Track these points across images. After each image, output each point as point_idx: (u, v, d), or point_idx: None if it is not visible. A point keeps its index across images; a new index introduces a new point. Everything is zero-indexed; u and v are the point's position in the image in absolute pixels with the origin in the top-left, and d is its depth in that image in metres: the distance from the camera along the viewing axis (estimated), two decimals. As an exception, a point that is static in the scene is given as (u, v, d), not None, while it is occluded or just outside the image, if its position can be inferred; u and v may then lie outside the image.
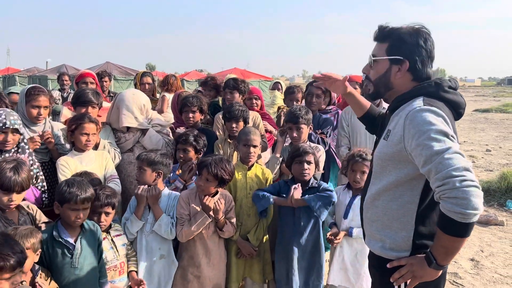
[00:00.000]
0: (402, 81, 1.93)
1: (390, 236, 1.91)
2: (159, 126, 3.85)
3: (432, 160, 1.66)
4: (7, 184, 2.36)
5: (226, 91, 4.20)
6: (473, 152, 11.39)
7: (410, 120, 1.77)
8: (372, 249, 2.03)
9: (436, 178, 1.64)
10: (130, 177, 3.59)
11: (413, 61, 1.88)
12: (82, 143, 3.13)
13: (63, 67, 21.19)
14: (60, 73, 8.91)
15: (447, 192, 1.61)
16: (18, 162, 2.46)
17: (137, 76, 5.77)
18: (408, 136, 1.77)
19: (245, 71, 24.97)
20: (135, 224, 2.94)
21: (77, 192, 2.46)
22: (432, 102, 1.81)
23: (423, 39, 1.89)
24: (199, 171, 2.97)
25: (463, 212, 1.59)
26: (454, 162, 1.62)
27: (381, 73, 1.96)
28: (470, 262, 4.80)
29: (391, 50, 1.91)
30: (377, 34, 1.97)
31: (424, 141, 1.69)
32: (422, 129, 1.71)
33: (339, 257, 3.30)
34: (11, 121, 2.78)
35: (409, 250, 1.88)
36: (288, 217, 3.13)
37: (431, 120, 1.72)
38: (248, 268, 3.25)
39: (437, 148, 1.66)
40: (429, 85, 1.88)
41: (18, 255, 1.92)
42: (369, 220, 2.04)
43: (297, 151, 3.15)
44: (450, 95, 1.88)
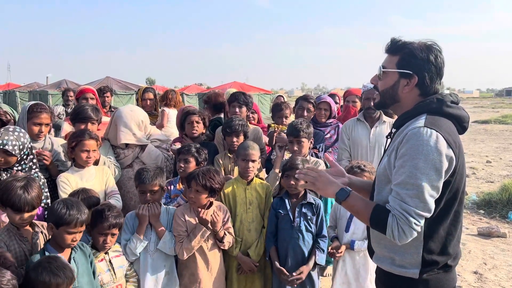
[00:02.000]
0: (409, 95, 1.94)
1: (399, 253, 1.90)
2: (158, 141, 3.85)
3: (407, 188, 1.75)
4: (17, 204, 2.31)
5: (234, 104, 4.12)
6: (473, 163, 11.37)
7: (407, 139, 1.79)
8: (381, 265, 2.02)
9: (400, 204, 1.76)
10: (130, 193, 3.58)
11: (422, 77, 1.89)
12: (82, 159, 3.13)
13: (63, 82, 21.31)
14: (65, 89, 9.05)
15: (401, 220, 1.75)
16: (28, 180, 2.41)
17: (139, 91, 5.81)
18: (399, 152, 1.82)
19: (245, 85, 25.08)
20: (139, 245, 2.87)
21: (76, 215, 2.36)
22: (434, 121, 1.82)
23: (434, 55, 1.90)
24: (188, 183, 2.96)
25: (396, 239, 1.77)
26: (421, 205, 1.74)
27: (390, 85, 1.97)
28: (474, 275, 4.76)
29: (401, 63, 1.92)
30: (389, 46, 1.98)
31: (410, 167, 1.75)
32: (413, 155, 1.75)
33: (341, 271, 3.28)
34: (3, 141, 2.72)
35: (419, 266, 1.87)
36: (286, 232, 3.10)
37: (425, 148, 1.74)
38: (249, 284, 3.22)
39: (417, 181, 1.73)
40: (431, 101, 1.89)
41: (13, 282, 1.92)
42: (376, 238, 2.02)
43: (286, 165, 3.14)
44: (453, 109, 1.90)
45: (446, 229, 1.86)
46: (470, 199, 7.58)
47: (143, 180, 2.93)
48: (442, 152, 1.74)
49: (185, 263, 3.01)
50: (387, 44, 1.99)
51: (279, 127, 4.00)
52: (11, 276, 1.91)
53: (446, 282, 1.89)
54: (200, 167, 3.11)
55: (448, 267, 1.89)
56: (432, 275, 1.86)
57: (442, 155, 1.74)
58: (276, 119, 4.32)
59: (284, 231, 3.10)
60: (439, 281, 1.88)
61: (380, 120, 4.13)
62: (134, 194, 3.55)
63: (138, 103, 5.73)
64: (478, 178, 9.59)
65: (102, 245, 2.70)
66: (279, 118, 4.29)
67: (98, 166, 3.31)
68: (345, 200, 1.91)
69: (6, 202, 2.33)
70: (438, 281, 1.88)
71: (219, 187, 2.96)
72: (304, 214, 3.09)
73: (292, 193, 3.12)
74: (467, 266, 4.97)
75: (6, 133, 2.76)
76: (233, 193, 3.24)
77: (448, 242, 1.87)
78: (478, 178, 9.64)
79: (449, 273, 1.91)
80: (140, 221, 2.92)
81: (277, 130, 3.91)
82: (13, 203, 2.31)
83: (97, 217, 2.67)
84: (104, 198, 3.17)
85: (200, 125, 3.76)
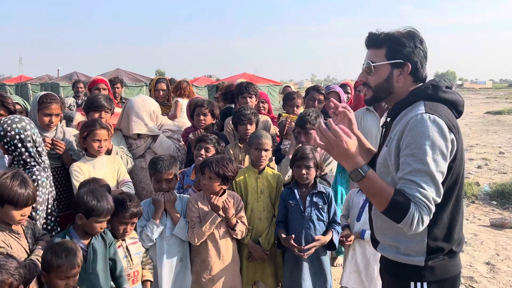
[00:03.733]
0: (404, 84, 1.94)
1: (404, 242, 1.90)
2: (169, 131, 3.87)
3: (420, 175, 1.73)
4: (22, 200, 2.27)
5: (244, 95, 4.14)
6: (486, 154, 11.25)
7: (410, 127, 1.79)
8: (386, 255, 2.02)
9: (419, 191, 1.72)
10: (142, 183, 3.61)
11: (414, 63, 1.90)
12: (94, 149, 3.15)
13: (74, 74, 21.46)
14: (75, 80, 9.09)
15: (423, 207, 1.72)
16: (21, 175, 2.35)
17: (152, 82, 5.83)
18: (404, 141, 1.80)
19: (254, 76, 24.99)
20: (156, 230, 2.92)
21: (107, 206, 2.48)
22: (433, 107, 1.83)
23: (419, 40, 1.91)
24: (202, 170, 2.99)
25: (412, 227, 1.73)
26: (435, 191, 1.73)
27: (383, 78, 1.95)
28: (486, 266, 4.72)
29: (390, 54, 1.91)
30: (370, 41, 1.97)
31: (419, 154, 1.74)
32: (420, 141, 1.75)
33: (351, 259, 3.31)
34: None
35: (424, 254, 1.88)
36: (298, 222, 3.10)
37: (430, 134, 1.74)
38: (260, 271, 3.24)
39: (428, 168, 1.72)
40: (426, 88, 1.90)
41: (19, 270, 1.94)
42: (380, 229, 2.03)
43: (296, 155, 3.13)
44: (448, 95, 1.90)
45: (449, 214, 1.87)
46: (483, 190, 7.51)
47: (159, 169, 2.96)
48: (447, 137, 1.76)
49: (197, 250, 3.05)
50: (366, 39, 1.98)
51: (290, 117, 3.99)
52: (18, 264, 1.95)
53: (451, 268, 1.91)
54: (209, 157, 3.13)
55: (453, 253, 1.91)
56: (437, 261, 1.87)
57: (447, 139, 1.76)
58: (287, 108, 4.30)
59: (295, 221, 3.11)
60: (444, 268, 1.89)
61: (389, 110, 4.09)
62: (146, 184, 3.58)
63: (151, 94, 5.75)
64: (490, 169, 9.48)
65: (122, 233, 2.75)
66: (290, 107, 4.27)
67: (110, 156, 3.34)
68: (360, 181, 1.81)
69: (7, 200, 2.25)
70: (444, 268, 1.89)
71: (232, 175, 2.98)
72: (315, 203, 3.08)
73: (303, 183, 3.12)
74: (479, 257, 4.94)
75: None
76: (244, 182, 3.25)
77: (451, 227, 1.88)
78: (490, 169, 9.53)
79: (454, 259, 1.92)
80: (156, 207, 2.96)
81: (289, 120, 3.90)
82: (18, 200, 2.25)
83: (118, 207, 2.70)
84: (116, 186, 3.21)
85: (207, 117, 3.76)
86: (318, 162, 3.11)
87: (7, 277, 1.85)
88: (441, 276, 1.88)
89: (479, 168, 9.59)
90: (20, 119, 2.77)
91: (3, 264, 1.88)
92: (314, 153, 3.12)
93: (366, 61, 1.98)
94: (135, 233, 2.93)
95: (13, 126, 2.69)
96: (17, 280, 1.89)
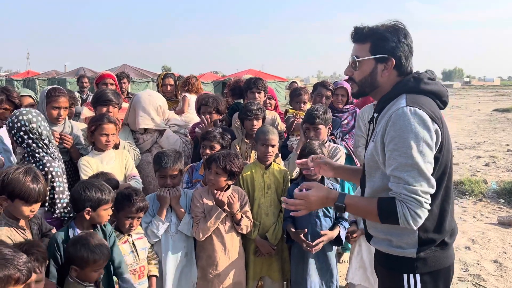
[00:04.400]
0: (388, 78, 1.94)
1: (396, 235, 1.92)
2: (176, 126, 3.87)
3: (406, 170, 1.74)
4: (33, 196, 2.27)
5: (253, 90, 4.12)
6: (493, 152, 11.15)
7: (393, 122, 1.79)
8: (379, 247, 2.04)
9: (405, 187, 1.74)
10: (149, 177, 3.62)
11: (398, 58, 1.90)
12: (102, 143, 3.16)
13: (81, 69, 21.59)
14: (79, 75, 9.10)
15: (411, 203, 1.73)
16: (33, 171, 2.36)
17: (160, 77, 5.84)
18: (387, 137, 1.81)
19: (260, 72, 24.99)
20: (162, 226, 2.93)
21: (112, 195, 2.55)
22: (414, 99, 1.83)
23: (403, 34, 1.91)
24: (208, 166, 2.99)
25: (411, 224, 1.75)
26: (425, 182, 1.74)
27: (367, 72, 1.96)
28: (493, 264, 4.69)
29: (374, 49, 1.92)
30: (355, 35, 1.98)
31: (403, 148, 1.74)
32: (403, 135, 1.75)
33: (357, 255, 3.30)
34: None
35: (416, 245, 1.89)
36: (304, 218, 3.08)
37: (413, 127, 1.75)
38: (266, 267, 3.25)
39: (413, 160, 1.73)
40: (408, 80, 1.91)
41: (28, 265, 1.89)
42: (371, 223, 2.03)
43: (304, 150, 3.11)
44: (430, 86, 1.91)
45: (439, 206, 1.87)
46: (490, 188, 7.45)
47: (164, 165, 2.95)
48: (430, 128, 1.76)
49: (203, 245, 3.05)
50: (351, 33, 1.99)
51: (298, 113, 3.97)
52: (26, 259, 1.91)
53: (444, 259, 1.92)
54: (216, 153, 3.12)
55: (445, 244, 1.91)
56: (429, 253, 1.88)
57: (430, 130, 1.76)
58: (294, 104, 4.28)
59: (302, 217, 3.07)
60: (436, 259, 1.90)
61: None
62: (153, 178, 3.58)
63: (158, 89, 5.76)
64: (498, 167, 9.40)
65: (128, 228, 2.76)
66: (297, 103, 4.25)
67: (118, 150, 3.35)
68: (345, 211, 1.92)
69: (18, 195, 2.25)
70: (436, 259, 1.90)
71: (238, 171, 2.99)
72: (322, 199, 3.07)
73: (311, 178, 3.11)
74: (486, 255, 4.91)
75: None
76: (251, 177, 3.25)
77: (442, 218, 1.89)
78: (498, 167, 9.45)
79: (446, 250, 1.93)
80: (161, 204, 2.96)
81: (297, 116, 3.88)
82: (29, 195, 2.25)
83: (124, 201, 2.72)
84: (124, 180, 3.23)
85: (213, 115, 3.75)
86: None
87: (14, 272, 1.81)
88: (433, 268, 1.89)
89: (487, 166, 9.52)
90: (28, 111, 2.79)
91: (10, 258, 1.84)
92: (322, 148, 3.10)
93: (351, 55, 1.99)
94: (141, 228, 2.93)
95: (19, 118, 2.73)
96: (24, 276, 1.85)
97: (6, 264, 1.80)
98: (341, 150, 3.58)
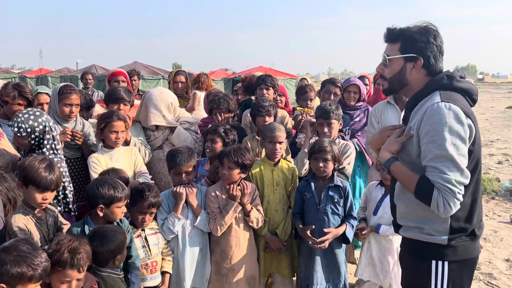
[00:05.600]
0: (417, 77, 2.06)
1: (428, 223, 2.00)
2: (187, 123, 3.89)
3: (441, 161, 1.84)
4: (44, 182, 2.33)
5: (262, 87, 4.12)
6: (506, 150, 11.00)
7: (428, 116, 1.90)
8: (409, 235, 2.09)
9: (440, 176, 1.84)
10: (160, 174, 3.65)
11: (426, 57, 2.02)
12: (111, 140, 3.19)
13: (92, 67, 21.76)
14: (83, 72, 9.06)
15: (446, 193, 1.83)
16: (50, 160, 2.46)
17: (171, 74, 5.87)
18: (423, 130, 1.91)
19: (270, 69, 24.92)
20: (178, 223, 2.95)
21: (126, 192, 2.58)
22: (448, 96, 1.93)
23: (433, 36, 2.02)
24: (220, 161, 3.02)
25: (441, 211, 1.86)
26: (459, 173, 1.84)
27: (396, 70, 2.08)
28: (506, 263, 4.65)
29: (404, 48, 2.05)
30: (387, 35, 2.11)
31: (438, 140, 1.85)
32: (438, 128, 1.86)
33: (367, 252, 3.32)
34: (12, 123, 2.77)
35: (447, 233, 1.97)
36: (313, 214, 3.09)
37: (447, 120, 1.85)
38: (276, 263, 3.26)
39: (447, 152, 1.83)
40: (442, 78, 2.01)
41: (44, 264, 1.89)
42: (403, 213, 2.12)
43: (314, 148, 3.10)
44: (462, 84, 2.01)
45: (471, 196, 1.96)
46: (503, 186, 7.36)
47: (179, 162, 2.97)
48: (464, 122, 1.87)
49: (217, 240, 3.09)
50: (384, 34, 2.12)
51: (306, 110, 3.96)
52: (45, 259, 1.89)
53: (471, 250, 2.01)
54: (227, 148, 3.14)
55: (474, 236, 2.00)
56: (459, 242, 1.97)
57: (464, 124, 1.86)
58: (301, 102, 4.27)
59: (310, 213, 3.10)
60: (465, 248, 1.99)
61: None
62: (164, 175, 3.61)
63: (169, 86, 5.79)
64: (511, 165, 9.28)
65: (140, 223, 2.80)
66: (303, 100, 4.24)
67: (127, 147, 3.37)
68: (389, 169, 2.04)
69: (31, 181, 2.32)
70: (465, 248, 1.99)
71: (250, 163, 3.05)
72: (330, 197, 3.07)
73: (320, 176, 3.10)
74: (498, 254, 4.86)
75: (17, 115, 2.80)
76: (260, 174, 3.26)
77: (473, 209, 1.98)
78: (511, 165, 9.33)
79: (475, 242, 2.03)
80: (177, 200, 2.98)
81: (304, 114, 3.87)
82: (40, 181, 2.32)
83: (137, 197, 2.76)
84: (133, 177, 3.25)
85: (224, 114, 3.76)
86: (336, 155, 3.08)
87: (27, 270, 1.79)
88: (462, 257, 1.98)
89: (500, 163, 9.40)
90: (40, 112, 2.85)
91: (25, 256, 1.82)
92: (332, 145, 3.09)
93: (383, 54, 2.13)
94: (155, 223, 2.96)
95: (39, 121, 2.79)
96: (38, 275, 1.82)
97: (20, 262, 1.79)
98: (351, 147, 3.57)
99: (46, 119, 2.82)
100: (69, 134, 3.21)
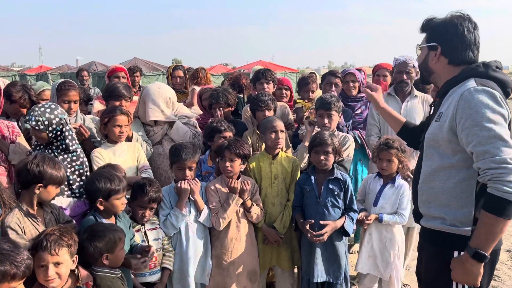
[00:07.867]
0: (439, 64, 2.12)
1: (450, 213, 1.98)
2: (185, 118, 3.88)
3: (490, 142, 1.79)
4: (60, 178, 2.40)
5: (261, 81, 4.13)
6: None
7: (466, 100, 1.88)
8: (431, 226, 2.08)
9: (492, 160, 1.78)
10: (160, 169, 3.64)
11: (444, 46, 2.07)
12: (115, 134, 3.18)
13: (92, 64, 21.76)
14: (78, 69, 9.03)
15: (503, 175, 1.75)
16: (46, 156, 2.45)
17: (169, 69, 5.85)
18: (462, 115, 1.88)
19: (271, 64, 24.86)
20: (181, 219, 2.96)
21: (123, 184, 2.61)
22: (484, 82, 1.92)
23: (454, 25, 2.04)
24: (220, 155, 3.05)
25: None
26: (510, 149, 1.78)
27: (422, 59, 2.20)
28: (507, 254, 4.66)
29: (428, 38, 2.16)
30: (421, 26, 2.20)
31: (482, 122, 1.82)
32: (480, 110, 1.83)
33: (367, 244, 3.30)
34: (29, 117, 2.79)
35: (471, 224, 1.94)
36: (312, 207, 3.10)
37: (488, 102, 1.84)
38: (276, 256, 3.27)
39: (495, 131, 1.80)
40: (477, 66, 2.02)
41: (27, 262, 1.91)
42: (425, 202, 2.11)
43: (315, 141, 3.10)
44: (498, 74, 2.00)
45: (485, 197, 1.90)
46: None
47: (184, 157, 2.96)
48: (502, 104, 1.87)
49: (217, 234, 3.11)
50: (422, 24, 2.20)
51: (306, 105, 3.96)
52: (27, 256, 1.92)
53: None
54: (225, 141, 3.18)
55: None
56: None
57: (503, 106, 1.86)
58: (302, 94, 4.27)
59: (310, 206, 3.11)
60: None
61: (411, 94, 4.01)
62: (164, 170, 3.61)
63: (168, 81, 5.77)
64: None
65: (140, 217, 2.81)
66: (305, 92, 4.24)
67: (130, 142, 3.37)
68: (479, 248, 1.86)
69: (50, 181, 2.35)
70: None
71: (249, 154, 3.13)
72: (331, 190, 3.07)
73: (321, 168, 3.10)
74: (500, 244, 4.86)
75: (33, 109, 2.82)
76: (258, 167, 3.27)
77: None
78: None
79: None
80: (181, 196, 2.98)
81: (306, 111, 3.88)
82: (58, 179, 2.38)
83: (137, 191, 2.77)
84: (136, 173, 3.25)
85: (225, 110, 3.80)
86: (337, 148, 3.09)
87: (10, 268, 1.82)
88: None
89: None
90: (55, 105, 2.89)
91: (7, 254, 1.85)
92: (333, 138, 3.10)
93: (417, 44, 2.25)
94: (156, 219, 2.96)
95: (55, 113, 2.81)
96: (21, 272, 1.85)
97: (3, 260, 1.81)
98: (350, 139, 3.57)
99: (61, 111, 2.85)
100: (76, 128, 3.21)
